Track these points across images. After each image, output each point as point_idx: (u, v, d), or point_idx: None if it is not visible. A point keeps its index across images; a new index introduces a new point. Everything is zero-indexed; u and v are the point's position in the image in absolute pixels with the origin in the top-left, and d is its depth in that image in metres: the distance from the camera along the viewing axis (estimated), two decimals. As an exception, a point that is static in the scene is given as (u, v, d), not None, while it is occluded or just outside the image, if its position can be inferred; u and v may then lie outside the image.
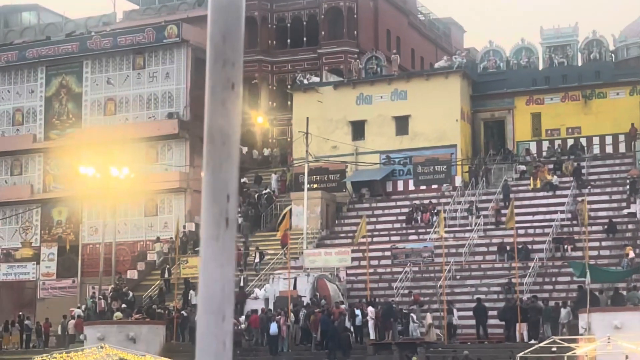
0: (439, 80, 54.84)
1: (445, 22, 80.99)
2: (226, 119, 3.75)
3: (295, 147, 57.68)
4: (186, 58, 63.01)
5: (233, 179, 3.76)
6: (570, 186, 50.36)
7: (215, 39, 3.78)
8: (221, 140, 3.75)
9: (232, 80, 3.78)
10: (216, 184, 3.75)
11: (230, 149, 3.75)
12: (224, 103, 3.76)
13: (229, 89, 3.77)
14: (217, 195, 3.74)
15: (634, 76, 52.79)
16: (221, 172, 3.75)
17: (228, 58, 3.77)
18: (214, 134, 3.76)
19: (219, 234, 3.70)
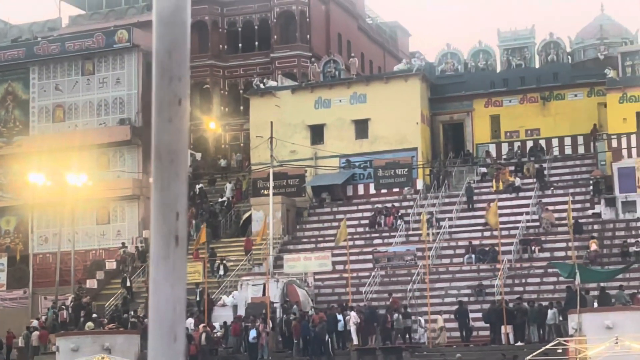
0: (398, 83, 54.67)
1: (392, 25, 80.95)
2: (173, 136, 3.71)
3: (252, 152, 57.03)
4: (137, 63, 61.97)
5: (182, 197, 3.72)
6: (534, 187, 50.49)
7: (160, 54, 3.72)
8: (169, 157, 3.71)
9: (179, 95, 3.73)
10: (165, 202, 3.70)
11: (178, 167, 3.72)
12: (171, 120, 3.72)
13: (175, 105, 3.73)
14: (166, 213, 3.69)
15: (592, 78, 53.13)
16: (169, 190, 3.70)
17: (174, 73, 3.72)
18: (161, 152, 3.72)
19: (169, 253, 3.67)
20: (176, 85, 3.72)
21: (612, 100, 49.66)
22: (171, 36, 3.72)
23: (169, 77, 3.72)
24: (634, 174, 47.77)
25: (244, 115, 64.30)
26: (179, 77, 3.72)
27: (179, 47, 3.74)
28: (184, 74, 3.74)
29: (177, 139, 3.71)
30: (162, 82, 3.73)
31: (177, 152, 3.71)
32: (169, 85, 3.72)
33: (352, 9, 71.27)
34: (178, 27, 3.73)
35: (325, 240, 51.48)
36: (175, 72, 3.72)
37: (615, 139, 49.12)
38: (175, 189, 3.70)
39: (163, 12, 3.75)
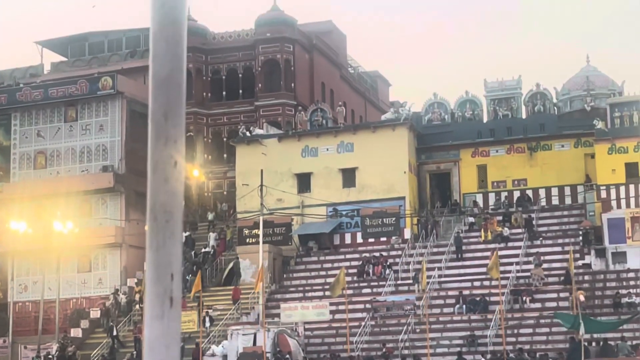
0: (386, 132, 54.66)
1: (372, 75, 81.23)
2: (169, 197, 3.75)
3: (238, 201, 56.69)
4: (121, 110, 61.66)
5: (177, 257, 3.76)
6: (522, 238, 50.43)
7: (156, 116, 3.78)
8: (164, 218, 3.74)
9: (174, 157, 3.78)
10: (160, 263, 3.73)
11: (174, 227, 3.75)
12: (167, 181, 3.76)
13: (171, 167, 3.77)
14: (161, 273, 3.72)
15: (579, 128, 53.38)
16: (165, 250, 3.72)
17: (170, 135, 3.77)
18: (157, 212, 3.75)
19: (164, 313, 3.69)
20: (172, 147, 3.77)
21: (600, 151, 49.86)
22: (167, 98, 3.78)
23: (165, 138, 3.76)
24: (623, 225, 47.85)
25: (227, 163, 64.10)
26: (174, 139, 3.78)
27: (175, 109, 3.80)
28: (180, 136, 3.78)
29: (172, 200, 3.75)
30: (157, 144, 3.76)
31: (172, 213, 3.73)
32: (164, 146, 3.76)
33: (335, 58, 71.44)
34: (174, 89, 3.79)
35: (313, 289, 51.13)
36: (172, 134, 3.77)
37: (604, 189, 49.21)
38: (170, 249, 3.72)
39: (159, 74, 3.79)
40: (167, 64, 3.80)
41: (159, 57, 3.82)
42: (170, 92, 3.80)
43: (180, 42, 3.86)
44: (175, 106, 3.80)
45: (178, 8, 3.87)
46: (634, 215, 47.87)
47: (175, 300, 3.73)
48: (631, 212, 48.01)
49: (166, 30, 3.84)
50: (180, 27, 3.86)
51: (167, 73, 3.80)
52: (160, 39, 3.84)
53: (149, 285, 3.71)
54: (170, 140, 3.77)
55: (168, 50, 3.83)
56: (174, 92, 3.80)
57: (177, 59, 3.84)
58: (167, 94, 3.79)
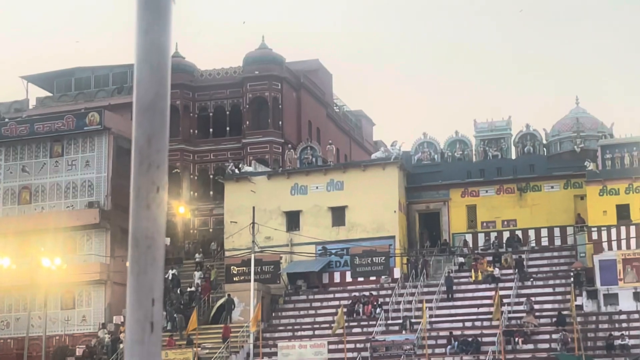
0: (376, 171, 54.57)
1: (357, 114, 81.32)
2: (151, 222, 3.78)
3: (226, 237, 56.34)
4: (108, 146, 61.28)
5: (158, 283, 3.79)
6: (513, 278, 50.34)
7: (140, 141, 3.81)
8: (146, 244, 3.77)
9: (157, 183, 3.81)
10: (141, 288, 3.76)
11: (156, 253, 3.78)
12: (149, 206, 3.78)
13: (154, 192, 3.80)
14: (142, 299, 3.75)
15: (568, 170, 53.52)
16: (146, 276, 3.76)
17: (153, 161, 3.80)
18: (138, 238, 3.78)
19: (144, 339, 3.72)
20: (154, 173, 3.79)
21: (592, 192, 49.93)
22: (151, 124, 3.79)
23: (148, 164, 3.78)
24: (615, 267, 47.88)
25: (213, 200, 63.79)
26: (157, 165, 3.80)
27: (158, 135, 3.81)
28: (163, 162, 3.82)
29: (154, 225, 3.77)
30: (140, 169, 3.79)
31: (154, 239, 3.76)
32: (147, 172, 3.78)
33: (321, 97, 71.50)
34: (157, 115, 3.80)
35: (302, 328, 50.74)
36: (154, 160, 3.79)
37: (595, 231, 49.23)
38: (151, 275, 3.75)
39: (143, 100, 3.81)
40: (151, 90, 3.81)
41: (143, 83, 3.84)
42: (154, 118, 3.81)
43: (164, 68, 3.87)
44: (159, 132, 3.81)
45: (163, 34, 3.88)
46: (626, 257, 47.90)
47: (156, 326, 3.75)
48: (623, 253, 48.04)
49: (150, 56, 3.85)
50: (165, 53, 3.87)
51: (150, 99, 3.81)
52: (144, 65, 3.85)
53: (130, 310, 3.71)
54: (153, 166, 3.79)
55: (152, 76, 3.84)
56: (157, 118, 3.82)
57: (161, 85, 3.85)
58: (151, 119, 3.79)
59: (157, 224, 3.79)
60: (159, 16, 3.88)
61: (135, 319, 3.73)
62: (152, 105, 3.82)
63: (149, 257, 3.76)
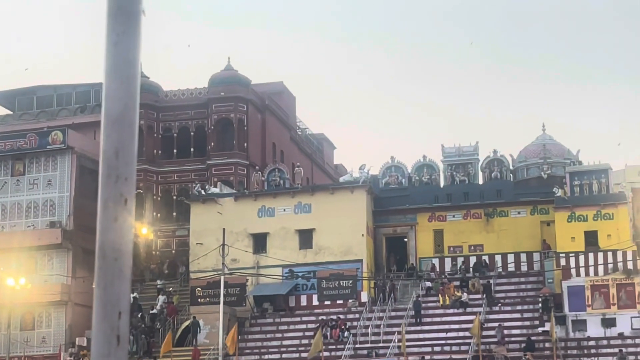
0: (344, 194, 54.46)
1: (319, 137, 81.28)
2: (118, 235, 3.76)
3: (192, 259, 55.86)
4: (71, 165, 60.59)
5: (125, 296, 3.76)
6: (481, 303, 50.39)
7: (108, 153, 3.79)
8: (113, 256, 3.75)
9: (124, 195, 3.79)
10: (108, 300, 3.73)
11: (122, 265, 3.76)
12: (116, 219, 3.76)
13: (121, 204, 3.79)
14: (109, 311, 3.72)
15: (535, 196, 53.80)
16: (113, 288, 3.73)
17: (121, 173, 3.78)
18: (105, 250, 3.76)
19: (110, 352, 3.69)
20: (122, 185, 3.77)
21: (560, 218, 50.18)
22: (119, 136, 3.79)
23: (116, 176, 3.77)
24: (583, 293, 48.12)
25: (176, 221, 63.31)
26: (125, 177, 3.78)
27: (127, 147, 3.80)
28: (131, 174, 3.80)
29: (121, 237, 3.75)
30: (108, 181, 3.77)
31: (121, 251, 3.73)
32: (115, 184, 3.76)
33: (285, 120, 71.38)
34: (126, 127, 3.79)
35: (269, 352, 50.39)
36: (122, 172, 3.78)
37: (563, 257, 49.47)
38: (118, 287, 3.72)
39: (111, 112, 3.80)
40: (120, 102, 3.80)
41: (112, 95, 3.82)
42: (122, 130, 3.79)
43: (133, 81, 3.88)
44: (127, 144, 3.79)
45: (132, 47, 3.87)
46: (594, 284, 48.17)
47: (122, 339, 3.70)
48: (591, 280, 48.31)
49: (119, 69, 3.83)
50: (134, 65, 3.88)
51: (119, 111, 3.79)
52: (113, 77, 3.82)
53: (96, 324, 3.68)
54: (120, 178, 3.76)
55: (121, 89, 3.82)
56: (126, 130, 3.80)
57: (130, 97, 3.85)
58: (119, 131, 3.77)
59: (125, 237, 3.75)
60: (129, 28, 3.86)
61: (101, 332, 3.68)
62: (120, 117, 3.79)
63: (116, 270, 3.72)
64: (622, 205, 49.56)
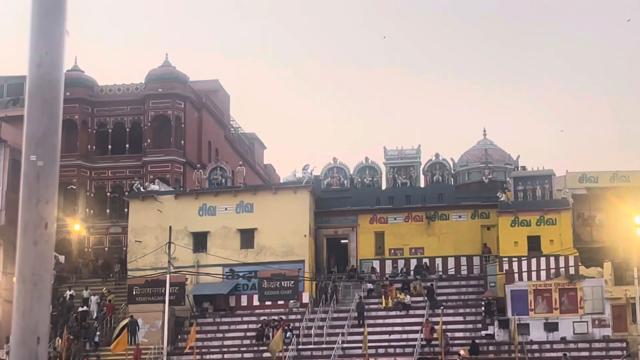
0: (287, 194, 54.18)
1: (250, 137, 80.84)
2: (38, 260, 3.72)
3: (129, 257, 55.00)
4: (3, 159, 59.11)
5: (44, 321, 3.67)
6: (425, 306, 50.55)
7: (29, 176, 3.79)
8: (32, 281, 3.70)
9: (45, 219, 3.76)
10: (26, 326, 3.66)
11: (42, 290, 3.69)
12: (37, 243, 3.74)
13: (42, 228, 3.75)
14: (27, 337, 3.65)
15: (476, 200, 54.20)
16: (32, 314, 3.67)
17: (42, 196, 3.76)
18: (25, 275, 3.72)
19: None
20: (43, 208, 3.75)
21: (503, 223, 50.60)
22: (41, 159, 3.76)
23: (37, 199, 3.75)
24: (526, 297, 48.59)
25: (110, 218, 62.35)
26: (46, 200, 3.76)
27: (48, 170, 3.78)
28: (52, 196, 3.76)
29: (41, 262, 3.70)
30: (29, 204, 3.76)
31: (40, 276, 3.68)
32: (35, 207, 3.74)
33: (221, 118, 70.83)
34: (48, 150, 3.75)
35: (210, 352, 49.87)
36: (43, 195, 3.75)
37: (506, 261, 49.89)
38: (37, 313, 3.64)
39: (34, 134, 3.78)
40: (42, 125, 3.74)
41: (34, 118, 3.79)
42: (44, 153, 3.73)
43: (55, 103, 3.80)
44: (49, 167, 3.73)
45: (55, 69, 3.81)
46: (537, 288, 48.69)
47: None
48: (534, 284, 48.82)
49: (42, 90, 3.78)
50: (57, 87, 3.80)
51: (41, 134, 3.73)
52: (35, 99, 3.78)
53: (14, 349, 3.58)
54: (42, 202, 3.72)
55: (43, 111, 3.77)
56: (47, 153, 3.74)
57: (53, 120, 3.77)
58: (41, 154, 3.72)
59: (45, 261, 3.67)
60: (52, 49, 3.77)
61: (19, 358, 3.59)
62: (42, 140, 3.73)
63: (35, 295, 3.64)
64: (565, 211, 50.20)
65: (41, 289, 3.65)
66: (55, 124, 3.78)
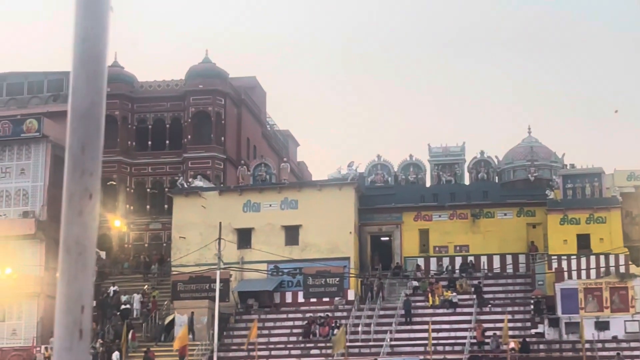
0: (332, 191, 53.96)
1: (284, 134, 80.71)
2: (83, 229, 3.78)
3: (174, 253, 54.90)
4: (45, 154, 59.22)
5: (88, 290, 3.79)
6: (472, 304, 50.29)
7: (73, 148, 3.83)
8: (77, 250, 3.77)
9: (90, 190, 3.82)
10: (71, 294, 3.75)
11: (86, 260, 3.77)
12: (81, 213, 3.79)
13: (86, 199, 3.81)
14: (72, 305, 3.74)
15: (522, 198, 53.92)
16: (76, 283, 3.75)
17: (87, 168, 3.82)
18: (70, 244, 3.79)
19: (72, 345, 3.71)
20: (88, 180, 3.80)
21: (552, 221, 50.29)
22: (85, 131, 3.82)
23: (81, 170, 3.80)
24: (576, 296, 48.26)
25: (150, 214, 62.28)
26: (90, 172, 3.81)
27: (93, 142, 3.83)
28: (96, 169, 3.83)
29: (86, 232, 3.76)
30: (74, 176, 3.81)
31: (85, 246, 3.74)
32: (80, 179, 3.80)
33: (258, 115, 70.67)
34: (92, 123, 3.83)
35: (258, 348, 49.61)
36: (88, 167, 3.80)
37: (555, 260, 49.60)
38: (81, 282, 3.73)
39: (78, 108, 3.83)
40: (87, 98, 3.83)
41: (79, 91, 3.85)
42: (89, 126, 3.82)
43: (100, 77, 3.89)
44: (93, 139, 3.83)
45: (99, 43, 3.90)
46: (587, 287, 48.36)
47: (85, 333, 3.71)
48: (584, 283, 48.49)
49: (87, 64, 3.86)
50: (101, 62, 3.90)
51: (86, 107, 3.82)
52: (80, 73, 3.86)
53: (59, 317, 3.69)
54: (86, 173, 3.79)
55: (88, 85, 3.85)
56: (92, 126, 3.83)
57: (97, 94, 3.86)
58: (86, 127, 3.81)
59: (89, 231, 3.75)
60: (97, 24, 3.88)
61: (64, 325, 3.68)
62: (87, 112, 3.82)
63: (80, 264, 3.71)
64: (615, 209, 49.87)
65: (85, 259, 3.69)
66: (99, 97, 3.83)
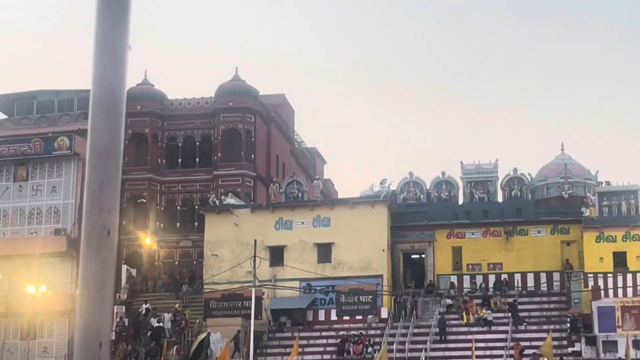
0: (364, 209, 53.77)
1: (312, 151, 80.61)
2: (101, 266, 3.79)
3: (206, 271, 54.80)
4: (76, 172, 59.36)
5: (106, 326, 3.78)
6: (506, 322, 49.96)
7: (92, 185, 3.86)
8: (95, 287, 3.77)
9: (108, 227, 3.83)
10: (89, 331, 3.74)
11: (104, 296, 3.77)
12: (100, 250, 3.81)
13: (104, 236, 3.83)
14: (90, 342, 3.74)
15: (556, 215, 53.60)
16: (94, 319, 3.75)
17: (105, 205, 3.83)
18: (88, 281, 3.79)
19: None
20: (106, 217, 3.83)
21: (588, 238, 49.95)
22: (104, 169, 3.85)
23: (100, 208, 3.83)
24: (613, 314, 47.86)
25: (180, 232, 62.19)
26: (109, 209, 3.84)
27: (111, 179, 3.87)
28: (114, 206, 3.87)
29: (104, 269, 3.78)
30: (92, 213, 3.85)
31: (103, 282, 3.77)
32: (99, 216, 3.83)
33: (287, 133, 70.63)
34: (111, 160, 3.85)
35: (291, 367, 49.42)
36: (106, 204, 3.84)
37: (591, 277, 49.24)
38: (99, 318, 3.74)
39: (97, 145, 3.87)
40: (106, 136, 3.85)
41: (98, 129, 3.87)
42: (107, 163, 3.84)
43: (118, 115, 3.91)
44: (111, 177, 3.85)
45: (118, 81, 3.92)
46: (625, 305, 47.96)
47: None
48: (621, 301, 48.10)
49: (105, 102, 3.88)
50: (120, 99, 3.91)
51: (105, 144, 3.85)
52: (99, 110, 3.88)
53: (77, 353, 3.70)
54: (104, 210, 3.81)
55: (107, 122, 3.87)
56: (110, 163, 3.85)
57: (115, 131, 3.89)
58: (104, 165, 3.83)
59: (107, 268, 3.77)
60: (115, 63, 3.90)
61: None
62: (105, 151, 3.84)
63: (98, 301, 3.72)
64: (651, 227, 49.53)
65: (103, 295, 3.72)
66: (117, 135, 3.88)
